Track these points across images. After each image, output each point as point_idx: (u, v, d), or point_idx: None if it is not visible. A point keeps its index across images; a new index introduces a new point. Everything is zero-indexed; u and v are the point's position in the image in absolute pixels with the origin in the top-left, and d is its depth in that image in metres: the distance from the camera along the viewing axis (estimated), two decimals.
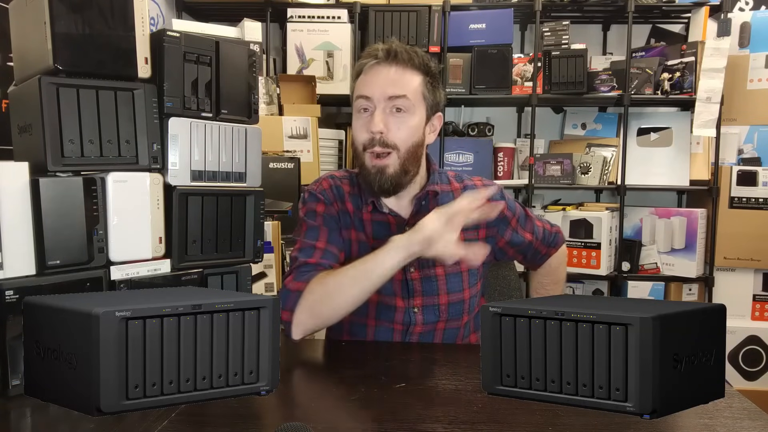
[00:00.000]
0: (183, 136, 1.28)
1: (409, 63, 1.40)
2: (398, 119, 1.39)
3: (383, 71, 1.39)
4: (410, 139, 1.40)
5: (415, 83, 1.40)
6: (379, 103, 1.38)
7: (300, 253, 1.43)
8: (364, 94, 1.39)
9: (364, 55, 1.44)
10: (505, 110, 3.45)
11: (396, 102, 1.38)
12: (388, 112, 1.38)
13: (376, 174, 1.40)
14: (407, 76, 1.39)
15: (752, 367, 3.07)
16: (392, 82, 1.38)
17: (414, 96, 1.39)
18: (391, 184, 1.41)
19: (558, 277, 1.74)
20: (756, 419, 1.00)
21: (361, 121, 1.41)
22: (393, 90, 1.37)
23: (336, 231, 1.46)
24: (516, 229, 1.56)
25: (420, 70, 1.41)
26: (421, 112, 1.42)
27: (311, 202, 1.49)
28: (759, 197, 3.04)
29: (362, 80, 1.41)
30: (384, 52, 1.39)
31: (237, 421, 0.98)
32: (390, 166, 1.39)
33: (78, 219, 1.16)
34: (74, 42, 1.15)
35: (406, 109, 1.38)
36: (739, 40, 3.18)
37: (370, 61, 1.40)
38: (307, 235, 1.45)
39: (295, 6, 3.08)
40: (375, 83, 1.39)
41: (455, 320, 1.50)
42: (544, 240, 1.63)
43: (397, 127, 1.38)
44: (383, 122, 1.37)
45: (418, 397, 1.09)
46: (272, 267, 2.08)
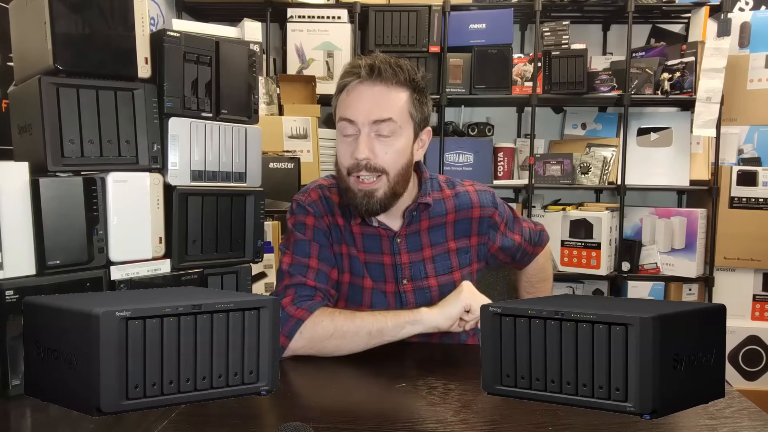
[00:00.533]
0: (183, 136, 1.28)
1: (394, 80, 1.32)
2: (384, 143, 1.33)
3: (366, 92, 1.31)
4: (399, 161, 1.35)
5: (401, 102, 1.33)
6: (363, 128, 1.32)
7: (292, 269, 1.39)
8: (347, 117, 1.33)
9: (346, 71, 1.35)
10: (505, 110, 3.45)
11: (381, 127, 1.31)
12: (373, 136, 1.32)
13: (363, 198, 1.35)
14: (392, 95, 1.32)
15: (752, 367, 3.07)
16: (377, 104, 1.31)
17: (400, 117, 1.33)
18: (380, 207, 1.37)
19: (546, 274, 1.72)
20: (756, 419, 1.00)
21: (344, 146, 1.35)
22: (378, 113, 1.31)
23: (327, 247, 1.42)
24: (505, 233, 1.56)
25: (406, 86, 1.34)
26: (408, 131, 1.36)
27: (300, 214, 1.44)
28: (759, 197, 3.04)
29: (345, 101, 1.34)
30: (367, 70, 1.31)
31: (237, 421, 0.98)
32: (379, 189, 1.35)
33: (78, 219, 1.16)
34: (74, 42, 1.15)
35: (392, 132, 1.32)
36: (739, 40, 3.18)
37: (352, 80, 1.32)
38: (297, 250, 1.41)
39: (295, 6, 3.08)
40: (358, 106, 1.31)
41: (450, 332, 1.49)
42: (531, 240, 1.63)
43: (384, 152, 1.33)
44: (368, 148, 1.31)
45: (418, 397, 1.09)
46: (272, 267, 2.08)
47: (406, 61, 1.38)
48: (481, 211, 1.50)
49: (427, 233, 1.48)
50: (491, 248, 1.55)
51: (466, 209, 1.50)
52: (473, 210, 1.50)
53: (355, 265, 1.46)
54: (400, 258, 1.45)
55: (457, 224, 1.49)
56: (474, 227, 1.51)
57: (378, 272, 1.46)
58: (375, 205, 1.36)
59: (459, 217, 1.49)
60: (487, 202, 1.52)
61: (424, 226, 1.48)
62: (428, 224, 1.48)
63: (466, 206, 1.50)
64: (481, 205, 1.50)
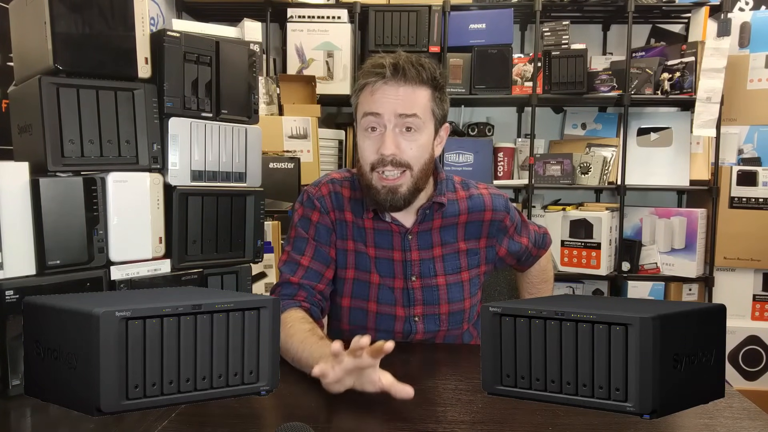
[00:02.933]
0: (183, 136, 1.28)
1: (418, 79, 1.34)
2: (409, 139, 1.35)
3: (391, 90, 1.34)
4: (422, 157, 1.37)
5: (424, 100, 1.36)
6: (390, 122, 1.33)
7: (285, 266, 1.43)
8: (374, 111, 1.34)
9: (369, 70, 1.36)
10: (505, 110, 3.45)
11: (406, 121, 1.34)
12: (398, 131, 1.34)
13: (388, 194, 1.36)
14: (417, 94, 1.35)
15: (752, 367, 3.07)
16: (402, 102, 1.33)
17: (424, 113, 1.36)
18: (404, 202, 1.38)
19: (547, 275, 1.73)
20: (756, 419, 1.00)
21: (369, 141, 1.36)
22: (403, 109, 1.33)
23: (326, 245, 1.44)
24: (513, 237, 1.56)
25: (428, 85, 1.36)
26: (430, 128, 1.39)
27: (308, 207, 1.46)
28: (759, 197, 3.04)
29: (369, 99, 1.36)
30: (392, 69, 1.33)
31: (237, 421, 0.98)
32: (403, 185, 1.36)
33: (78, 219, 1.16)
34: (74, 42, 1.15)
35: (417, 127, 1.35)
36: (739, 40, 3.18)
37: (377, 80, 1.34)
38: (295, 247, 1.44)
39: (295, 6, 3.08)
40: (384, 102, 1.33)
41: (456, 329, 1.50)
42: (536, 243, 1.64)
43: (409, 147, 1.35)
44: (395, 144, 1.34)
45: (418, 397, 1.09)
46: (272, 267, 2.08)
47: (427, 60, 1.40)
48: (493, 215, 1.51)
49: (438, 232, 1.48)
50: (499, 251, 1.55)
51: (479, 212, 1.50)
52: (485, 213, 1.50)
53: (362, 261, 1.46)
54: (410, 255, 1.46)
55: (469, 225, 1.50)
56: (484, 230, 1.51)
57: (387, 268, 1.46)
58: (399, 200, 1.37)
59: (471, 219, 1.50)
60: (499, 206, 1.52)
61: (437, 224, 1.48)
62: (440, 223, 1.48)
63: (478, 209, 1.50)
64: (493, 208, 1.51)
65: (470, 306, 1.51)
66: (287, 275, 1.41)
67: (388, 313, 1.46)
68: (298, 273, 1.41)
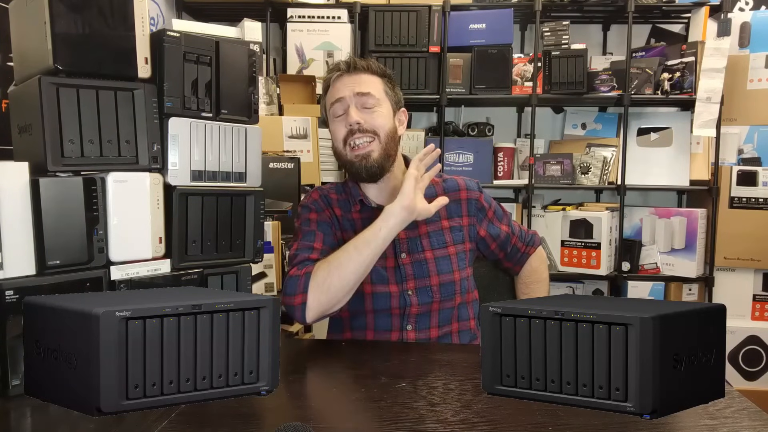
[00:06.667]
0: (183, 136, 1.28)
1: (369, 70, 1.58)
2: (370, 111, 1.55)
3: (348, 79, 1.57)
4: (386, 125, 1.55)
5: (376, 83, 1.58)
6: (351, 101, 1.54)
7: (298, 251, 1.53)
8: (337, 97, 1.56)
9: (329, 71, 1.63)
10: (505, 110, 3.44)
11: (364, 99, 1.54)
12: (359, 107, 1.54)
13: (361, 161, 1.53)
14: (369, 78, 1.58)
15: (752, 367, 3.07)
16: (358, 83, 1.56)
17: (378, 92, 1.57)
18: (378, 167, 1.54)
19: (541, 276, 1.79)
20: (756, 419, 1.00)
21: (337, 124, 1.57)
22: (360, 88, 1.55)
23: (330, 234, 1.57)
24: (492, 221, 1.68)
25: (377, 74, 1.59)
26: (387, 105, 1.58)
27: (305, 213, 1.61)
28: (759, 197, 3.04)
29: (332, 91, 1.59)
30: (345, 65, 1.59)
31: (237, 421, 0.98)
32: (375, 150, 1.53)
33: (78, 219, 1.16)
34: (74, 42, 1.15)
35: (375, 104, 1.55)
36: (739, 40, 3.18)
37: (335, 74, 1.59)
38: (304, 238, 1.55)
39: (295, 6, 3.08)
40: (343, 88, 1.56)
41: (448, 300, 1.57)
42: (522, 238, 1.74)
43: (372, 117, 1.54)
44: (357, 115, 1.53)
45: (418, 397, 1.09)
46: (272, 267, 2.08)
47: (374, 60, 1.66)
48: (468, 194, 1.66)
49: None
50: (480, 231, 1.66)
51: (455, 191, 1.65)
52: (461, 192, 1.65)
53: None
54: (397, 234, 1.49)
55: (449, 205, 1.58)
56: (463, 208, 1.65)
57: None
58: (373, 165, 1.54)
59: (449, 198, 1.58)
60: (473, 186, 1.69)
61: None
62: None
63: (454, 189, 1.65)
64: (467, 188, 1.67)
65: (460, 279, 1.59)
66: (304, 255, 1.51)
67: (382, 291, 1.53)
68: (314, 254, 1.51)
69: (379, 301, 1.53)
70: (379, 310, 1.53)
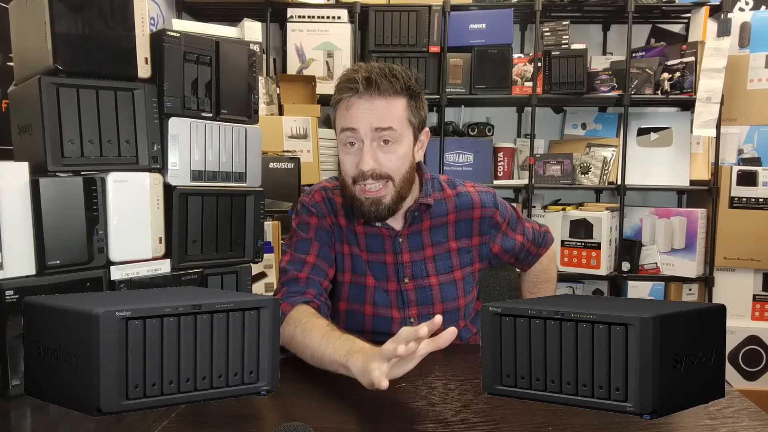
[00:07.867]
0: (183, 136, 1.28)
1: (392, 90, 1.34)
2: (387, 151, 1.35)
3: (366, 104, 1.33)
4: (402, 167, 1.38)
5: (399, 110, 1.36)
6: (366, 137, 1.34)
7: (290, 265, 1.42)
8: (350, 126, 1.35)
9: (343, 85, 1.36)
10: (505, 110, 3.44)
11: (383, 134, 1.34)
12: (375, 145, 1.35)
13: (371, 205, 1.37)
14: (391, 105, 1.34)
15: (752, 367, 3.07)
16: (377, 115, 1.33)
17: (400, 125, 1.35)
18: (388, 212, 1.40)
19: (549, 275, 1.72)
20: (756, 419, 1.00)
21: (349, 156, 1.37)
22: (379, 122, 1.33)
23: (327, 246, 1.46)
24: (506, 233, 1.56)
25: (403, 94, 1.36)
26: (409, 136, 1.39)
27: (304, 214, 1.48)
28: (759, 197, 3.04)
29: (345, 114, 1.36)
30: (364, 84, 1.33)
31: (237, 421, 0.98)
32: (386, 196, 1.37)
33: (78, 219, 1.16)
34: (74, 42, 1.15)
35: (394, 139, 1.35)
36: (739, 40, 3.18)
37: (351, 95, 1.34)
38: (298, 248, 1.44)
39: (295, 6, 3.08)
40: (359, 117, 1.34)
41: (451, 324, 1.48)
42: (534, 241, 1.63)
43: (388, 159, 1.35)
44: (373, 158, 1.34)
45: (418, 397, 1.09)
46: (272, 267, 2.08)
47: (400, 67, 1.39)
48: (482, 212, 1.51)
49: (428, 233, 1.49)
50: (493, 248, 1.55)
51: (467, 209, 1.51)
52: (474, 210, 1.51)
53: (358, 264, 1.47)
54: (401, 257, 1.47)
55: (458, 224, 1.50)
56: (475, 227, 1.52)
57: (380, 271, 1.47)
58: (383, 211, 1.39)
59: (460, 217, 1.50)
60: (488, 202, 1.52)
61: (426, 225, 1.49)
62: (429, 224, 1.49)
63: (467, 206, 1.51)
64: (482, 205, 1.51)
65: (465, 304, 1.52)
66: (294, 272, 1.41)
67: (384, 315, 1.47)
68: (305, 269, 1.41)
69: (380, 325, 1.47)
70: (379, 332, 1.45)
